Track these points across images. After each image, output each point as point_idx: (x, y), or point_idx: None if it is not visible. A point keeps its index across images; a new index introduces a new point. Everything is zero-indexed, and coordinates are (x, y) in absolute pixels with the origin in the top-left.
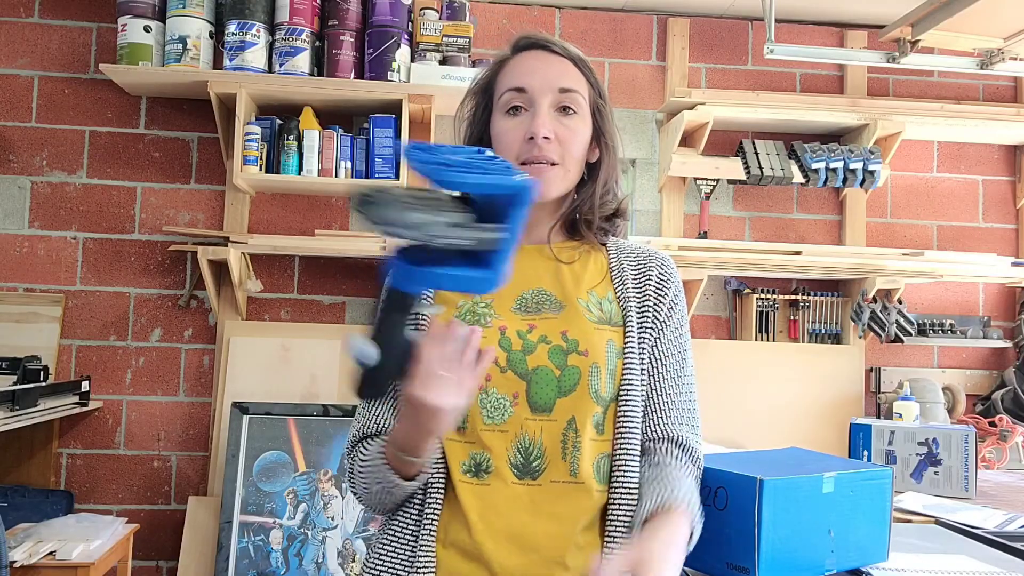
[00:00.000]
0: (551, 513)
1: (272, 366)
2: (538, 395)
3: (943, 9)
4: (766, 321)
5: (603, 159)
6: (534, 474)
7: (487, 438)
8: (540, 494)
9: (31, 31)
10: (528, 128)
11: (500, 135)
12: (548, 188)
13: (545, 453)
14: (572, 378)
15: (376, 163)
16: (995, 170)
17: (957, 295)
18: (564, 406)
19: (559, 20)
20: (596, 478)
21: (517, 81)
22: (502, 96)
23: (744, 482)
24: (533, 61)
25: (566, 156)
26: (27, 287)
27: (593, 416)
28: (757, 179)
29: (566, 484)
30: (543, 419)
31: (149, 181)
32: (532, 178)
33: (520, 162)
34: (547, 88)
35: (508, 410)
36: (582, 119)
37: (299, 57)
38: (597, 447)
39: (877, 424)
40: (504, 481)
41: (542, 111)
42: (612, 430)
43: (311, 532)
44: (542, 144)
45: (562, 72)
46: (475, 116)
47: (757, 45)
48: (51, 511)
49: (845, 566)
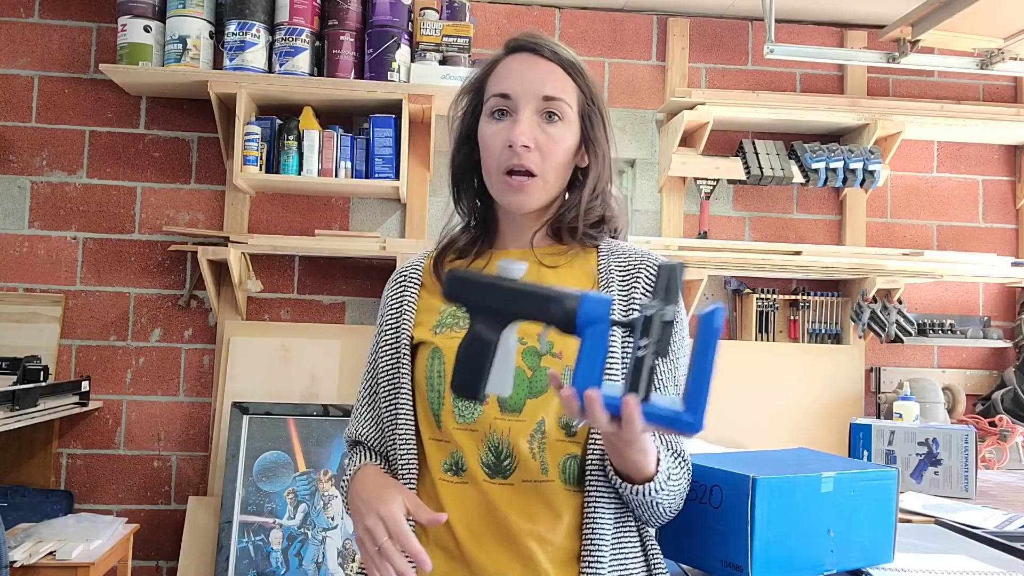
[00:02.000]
0: (527, 512)
1: (272, 366)
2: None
3: (943, 9)
4: (766, 321)
5: (591, 167)
6: (505, 473)
7: (459, 437)
8: (514, 493)
9: (31, 31)
10: (508, 136)
11: (485, 140)
12: (525, 202)
13: (515, 452)
14: (543, 379)
15: (376, 163)
16: (995, 170)
17: (957, 295)
18: (534, 407)
19: (559, 20)
20: (562, 478)
21: (503, 86)
22: (489, 100)
23: (738, 480)
24: (520, 66)
25: (546, 166)
26: (27, 287)
27: (562, 417)
28: (757, 179)
29: (538, 483)
30: (512, 419)
31: (149, 181)
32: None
33: (502, 171)
34: (530, 95)
35: (478, 409)
36: (567, 126)
37: (299, 57)
38: (565, 448)
39: (877, 424)
40: (477, 480)
41: (523, 119)
42: (583, 431)
43: (311, 532)
44: (521, 152)
45: (548, 79)
46: (465, 115)
47: (757, 45)
48: (51, 511)
49: (846, 566)
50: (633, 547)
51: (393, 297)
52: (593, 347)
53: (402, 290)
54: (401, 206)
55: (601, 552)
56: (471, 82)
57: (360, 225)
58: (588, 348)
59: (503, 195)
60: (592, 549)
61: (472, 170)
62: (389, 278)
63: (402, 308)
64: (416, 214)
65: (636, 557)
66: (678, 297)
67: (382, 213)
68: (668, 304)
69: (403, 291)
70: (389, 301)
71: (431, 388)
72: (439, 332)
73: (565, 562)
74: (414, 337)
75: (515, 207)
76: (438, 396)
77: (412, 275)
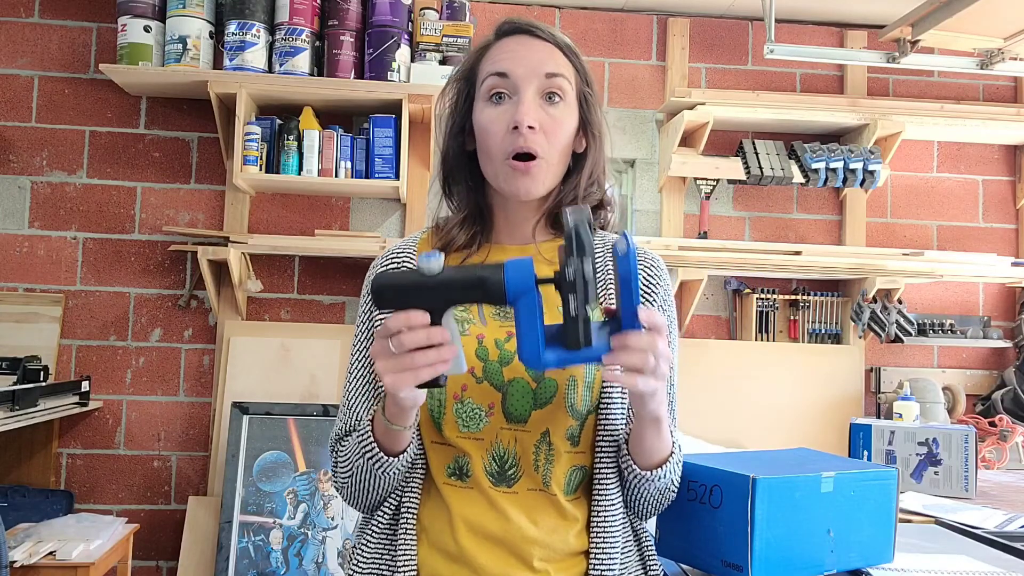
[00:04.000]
0: (532, 520)
1: (272, 366)
2: (513, 407)
3: (943, 9)
4: (766, 321)
5: (590, 149)
6: (509, 482)
7: (464, 444)
8: (518, 501)
9: (31, 31)
10: (512, 117)
11: (484, 127)
12: (533, 187)
13: (519, 462)
14: (548, 391)
15: (376, 163)
16: (995, 170)
17: (957, 295)
18: (539, 418)
19: (559, 20)
20: (565, 490)
21: (500, 66)
22: (484, 81)
23: (738, 480)
24: (516, 46)
25: (550, 148)
26: (27, 287)
27: (568, 429)
28: (757, 179)
29: (541, 493)
30: (517, 429)
31: (149, 181)
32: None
33: (506, 156)
34: (532, 74)
35: (483, 420)
36: (568, 107)
37: (299, 57)
38: (571, 459)
39: (877, 424)
40: (481, 487)
41: (527, 98)
42: (588, 442)
43: (311, 532)
44: (526, 134)
45: (547, 57)
46: (457, 105)
47: (757, 45)
48: (51, 511)
49: (846, 566)
50: (630, 549)
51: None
52: (529, 313)
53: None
54: (401, 206)
55: (611, 559)
56: (460, 70)
57: (360, 225)
58: (525, 316)
59: (509, 182)
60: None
61: (465, 162)
62: (374, 262)
63: None
64: (416, 214)
65: (635, 557)
66: (589, 248)
67: (382, 213)
68: (582, 258)
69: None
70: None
71: (431, 395)
72: None
73: (569, 567)
74: None
75: (523, 193)
76: (439, 404)
77: (406, 259)
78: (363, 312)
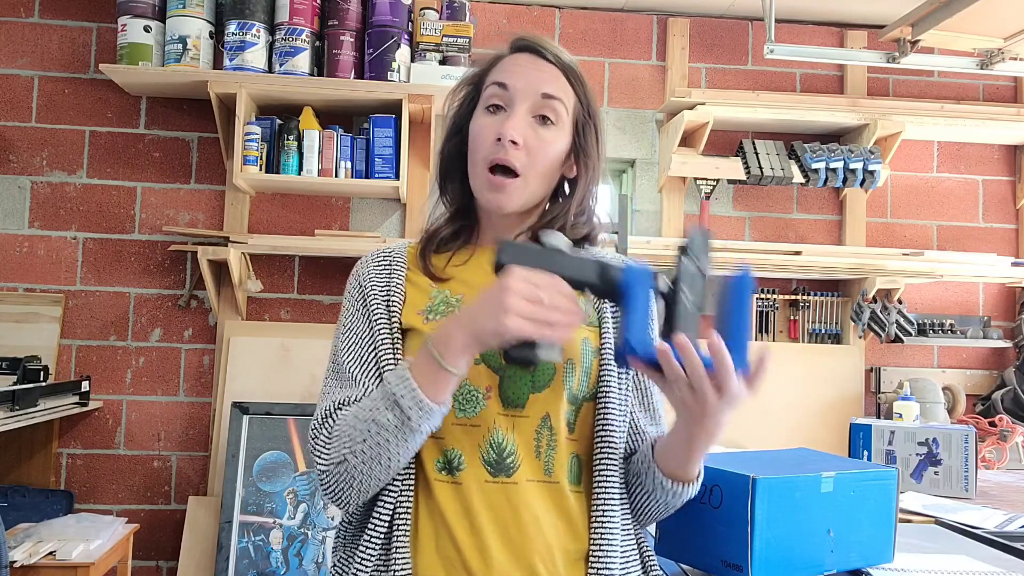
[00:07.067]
0: (531, 512)
1: (272, 366)
2: (511, 390)
3: (943, 9)
4: (766, 321)
5: (580, 178)
6: (508, 471)
7: (458, 433)
8: (517, 492)
9: (31, 31)
10: (498, 129)
11: (475, 133)
12: (506, 202)
13: (518, 450)
14: (546, 374)
15: (376, 163)
16: (995, 170)
17: (957, 295)
18: (537, 402)
19: (559, 20)
20: (568, 478)
21: (502, 77)
22: (487, 89)
23: (738, 480)
24: (523, 62)
25: (530, 167)
26: (27, 287)
27: (565, 414)
28: (757, 179)
29: (542, 483)
30: (515, 415)
31: (149, 181)
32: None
33: (486, 165)
34: (529, 90)
35: (480, 403)
36: (560, 131)
37: (299, 57)
38: (570, 446)
39: (877, 424)
40: (477, 479)
41: (517, 113)
42: (584, 430)
43: (311, 532)
44: (508, 147)
45: (549, 78)
46: (460, 108)
47: (757, 45)
48: (51, 511)
49: (846, 566)
50: (631, 548)
51: (378, 274)
52: (643, 302)
53: (389, 270)
54: (401, 206)
55: (611, 558)
56: (472, 74)
57: (360, 225)
58: (640, 303)
59: (483, 191)
60: (601, 556)
61: (460, 162)
62: (361, 259)
63: (390, 288)
64: (416, 214)
65: (634, 557)
66: (707, 253)
67: (382, 213)
68: (703, 263)
69: (390, 271)
70: (372, 277)
71: None
72: (430, 319)
73: (571, 563)
74: (402, 322)
75: (494, 206)
76: None
77: (397, 259)
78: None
